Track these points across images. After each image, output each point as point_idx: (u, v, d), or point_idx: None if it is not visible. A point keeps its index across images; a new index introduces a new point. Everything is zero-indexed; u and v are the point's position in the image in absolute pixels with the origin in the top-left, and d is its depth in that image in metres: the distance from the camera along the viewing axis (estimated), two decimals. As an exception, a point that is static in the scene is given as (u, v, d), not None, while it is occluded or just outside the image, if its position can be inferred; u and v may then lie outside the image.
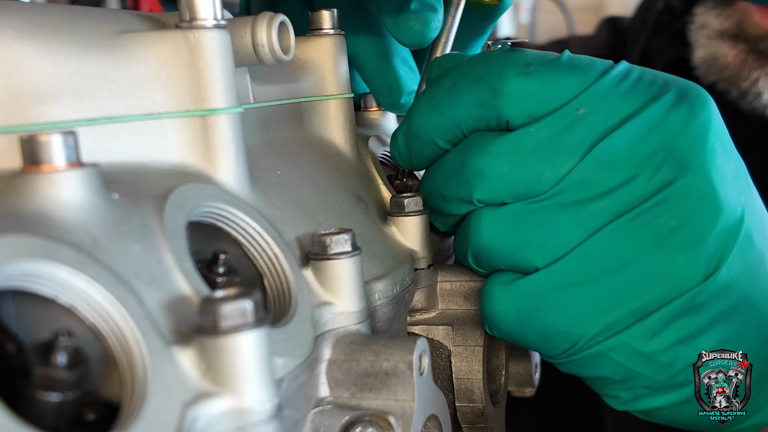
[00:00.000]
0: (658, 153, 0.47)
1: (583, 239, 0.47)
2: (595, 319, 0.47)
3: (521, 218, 0.48)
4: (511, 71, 0.49)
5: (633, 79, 0.49)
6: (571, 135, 0.47)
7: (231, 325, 0.30)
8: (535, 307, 0.48)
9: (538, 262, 0.48)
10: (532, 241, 0.48)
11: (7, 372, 0.30)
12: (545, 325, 0.48)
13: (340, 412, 0.39)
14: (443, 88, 0.51)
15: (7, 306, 0.31)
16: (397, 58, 0.61)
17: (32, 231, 0.30)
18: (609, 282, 0.47)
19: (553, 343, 0.49)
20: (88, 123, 0.37)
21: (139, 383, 0.30)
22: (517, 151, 0.48)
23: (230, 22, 0.42)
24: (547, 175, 0.47)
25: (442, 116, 0.51)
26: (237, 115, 0.41)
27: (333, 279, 0.41)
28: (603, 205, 0.47)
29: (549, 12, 3.90)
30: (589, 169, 0.47)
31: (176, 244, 0.35)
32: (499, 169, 0.48)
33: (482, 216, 0.49)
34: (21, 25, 0.36)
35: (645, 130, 0.47)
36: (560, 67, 0.49)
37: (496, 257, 0.49)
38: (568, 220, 0.47)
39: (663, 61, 1.08)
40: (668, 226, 0.46)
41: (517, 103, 0.48)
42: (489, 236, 0.49)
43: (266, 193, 0.44)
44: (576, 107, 0.48)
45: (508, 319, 0.49)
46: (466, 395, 0.52)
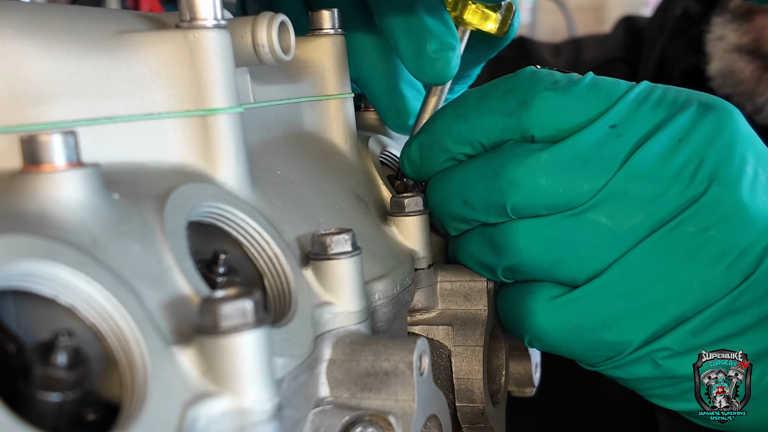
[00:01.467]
0: (690, 163, 0.48)
1: (623, 253, 0.48)
2: (640, 329, 0.49)
3: (561, 232, 0.49)
4: (540, 86, 0.50)
5: (657, 95, 0.50)
6: (607, 149, 0.48)
7: (231, 325, 0.30)
8: (581, 321, 0.49)
9: (579, 276, 0.49)
10: (572, 254, 0.49)
11: (7, 372, 0.30)
12: (592, 338, 0.49)
13: (340, 412, 0.39)
14: (472, 99, 0.52)
15: (7, 306, 0.31)
16: (404, 80, 0.61)
17: (32, 231, 0.30)
18: (651, 294, 0.48)
19: (598, 353, 0.50)
20: (88, 123, 0.37)
21: (139, 383, 0.30)
22: (557, 164, 0.48)
23: (230, 22, 0.42)
24: (585, 188, 0.48)
25: (468, 124, 0.52)
26: (237, 115, 0.41)
27: (333, 279, 0.41)
28: (640, 219, 0.48)
29: (549, 12, 3.90)
30: (625, 181, 0.48)
31: (176, 244, 0.35)
32: (537, 181, 0.48)
33: (519, 229, 0.50)
34: (21, 25, 0.36)
35: (675, 140, 0.48)
36: (587, 87, 0.50)
37: (534, 270, 0.50)
38: (606, 234, 0.48)
39: (679, 68, 1.08)
40: (704, 237, 0.47)
41: (544, 115, 0.49)
42: (528, 249, 0.50)
43: (266, 193, 0.44)
44: (606, 123, 0.49)
45: (554, 333, 0.50)
46: (467, 395, 0.52)
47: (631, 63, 1.18)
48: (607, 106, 0.49)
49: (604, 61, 1.22)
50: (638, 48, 1.19)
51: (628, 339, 0.49)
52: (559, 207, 0.49)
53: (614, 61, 1.20)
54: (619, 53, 1.21)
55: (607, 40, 1.29)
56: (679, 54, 1.09)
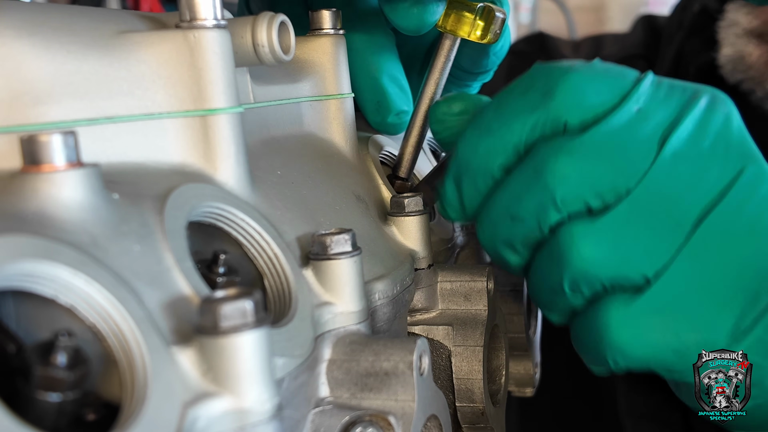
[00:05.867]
0: (718, 145, 0.47)
1: (685, 238, 0.46)
2: (725, 319, 0.46)
3: (620, 226, 0.46)
4: (558, 72, 0.48)
5: (667, 84, 0.49)
6: (641, 131, 0.47)
7: (231, 326, 0.30)
8: (664, 323, 0.46)
9: (649, 270, 0.46)
10: (637, 248, 0.46)
11: (7, 372, 0.30)
12: (679, 339, 0.46)
13: (340, 412, 0.39)
14: (490, 111, 0.49)
15: (7, 306, 0.31)
16: (386, 76, 0.59)
17: (32, 231, 0.30)
18: (725, 277, 0.46)
19: (688, 356, 0.47)
20: (88, 123, 0.37)
21: (139, 383, 0.30)
22: (596, 148, 0.46)
23: (230, 22, 0.42)
24: (629, 170, 0.46)
25: (494, 137, 0.48)
26: (237, 115, 0.41)
27: (333, 279, 0.41)
28: (692, 201, 0.46)
29: (549, 12, 3.90)
30: (667, 165, 0.46)
31: (176, 244, 0.35)
32: (581, 167, 0.46)
33: (575, 231, 0.46)
34: (21, 25, 0.36)
35: (698, 125, 0.47)
36: (601, 70, 0.49)
37: (602, 274, 0.46)
38: (665, 221, 0.46)
39: (696, 64, 1.08)
40: (757, 213, 0.46)
41: (572, 99, 0.47)
42: (590, 252, 0.46)
43: (266, 193, 0.44)
44: (632, 106, 0.47)
45: (639, 343, 0.46)
46: (467, 395, 0.52)
47: (650, 60, 1.18)
48: (627, 89, 0.47)
49: (623, 57, 1.22)
50: (657, 45, 1.19)
51: (714, 334, 0.46)
52: (605, 193, 0.46)
53: (633, 57, 1.20)
54: (638, 50, 1.21)
55: (626, 37, 1.29)
56: (695, 50, 1.09)
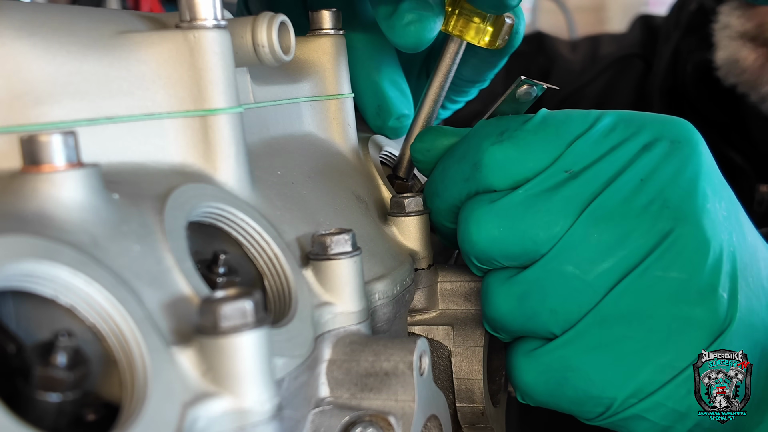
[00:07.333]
0: (654, 203, 0.46)
1: (595, 302, 0.46)
2: (624, 381, 0.47)
3: (528, 284, 0.48)
4: (486, 142, 0.49)
5: (620, 132, 0.48)
6: (561, 194, 0.47)
7: (231, 326, 0.30)
8: (562, 375, 0.48)
9: (555, 328, 0.48)
10: (543, 308, 0.47)
11: (7, 372, 0.30)
12: (576, 392, 0.48)
13: (340, 412, 0.39)
14: (437, 172, 0.53)
15: (7, 306, 0.31)
16: (387, 80, 0.60)
17: (32, 231, 0.30)
18: (630, 343, 0.46)
19: (586, 408, 0.48)
20: (88, 123, 0.37)
21: (139, 383, 0.30)
22: (507, 214, 0.47)
23: (230, 22, 0.42)
24: (540, 235, 0.47)
25: (441, 199, 0.52)
26: (237, 115, 0.41)
27: (333, 279, 0.41)
28: (609, 265, 0.46)
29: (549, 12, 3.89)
30: (587, 227, 0.46)
31: (176, 244, 0.35)
32: (489, 233, 0.48)
33: (489, 284, 0.50)
34: (21, 25, 0.36)
35: (638, 181, 0.47)
36: (534, 130, 0.49)
37: (511, 326, 0.49)
38: (576, 283, 0.46)
39: (692, 62, 1.07)
40: (678, 279, 0.46)
41: (496, 171, 0.48)
42: (500, 306, 0.49)
43: (266, 193, 0.44)
44: (562, 167, 0.47)
45: (539, 388, 0.49)
46: (467, 395, 0.52)
47: (647, 59, 1.17)
48: (561, 149, 0.48)
49: (621, 57, 1.22)
50: (654, 44, 1.19)
51: (612, 393, 0.47)
52: (517, 257, 0.48)
53: (630, 57, 1.20)
54: (635, 49, 1.21)
55: (623, 37, 1.29)
56: (692, 48, 1.09)
